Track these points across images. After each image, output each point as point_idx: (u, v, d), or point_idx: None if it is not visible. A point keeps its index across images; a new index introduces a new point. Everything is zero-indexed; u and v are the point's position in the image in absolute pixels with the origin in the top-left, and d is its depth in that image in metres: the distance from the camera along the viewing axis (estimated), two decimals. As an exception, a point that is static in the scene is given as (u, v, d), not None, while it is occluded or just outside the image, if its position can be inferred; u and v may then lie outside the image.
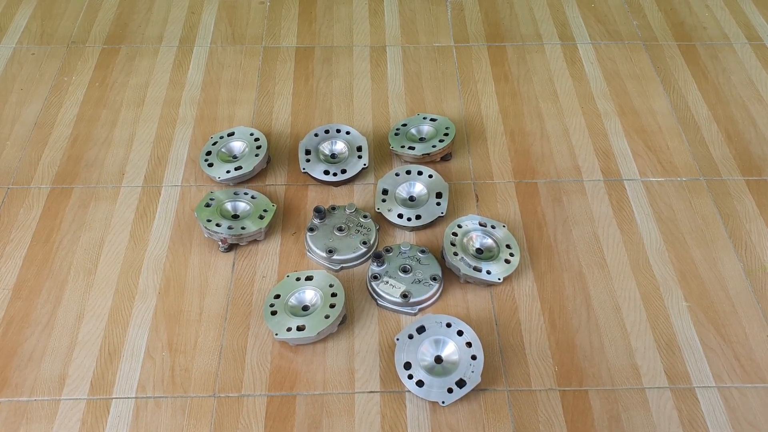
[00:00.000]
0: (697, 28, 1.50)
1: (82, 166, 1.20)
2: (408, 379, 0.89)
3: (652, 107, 1.32)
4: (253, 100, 1.32)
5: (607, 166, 1.21)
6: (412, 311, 1.00)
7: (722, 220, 1.13)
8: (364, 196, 1.15)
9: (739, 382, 0.94)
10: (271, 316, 0.96)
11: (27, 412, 0.89)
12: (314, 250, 1.05)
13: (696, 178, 1.19)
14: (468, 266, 1.00)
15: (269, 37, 1.46)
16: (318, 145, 1.18)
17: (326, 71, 1.39)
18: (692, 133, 1.27)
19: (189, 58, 1.41)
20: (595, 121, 1.29)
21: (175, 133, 1.26)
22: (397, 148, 1.18)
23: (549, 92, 1.35)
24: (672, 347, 0.97)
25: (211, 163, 1.16)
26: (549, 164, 1.21)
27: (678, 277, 1.05)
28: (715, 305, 1.02)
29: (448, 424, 0.89)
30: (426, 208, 1.09)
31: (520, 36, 1.48)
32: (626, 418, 0.90)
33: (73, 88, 1.34)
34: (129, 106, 1.31)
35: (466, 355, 0.91)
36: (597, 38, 1.47)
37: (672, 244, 1.09)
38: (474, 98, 1.33)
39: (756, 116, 1.30)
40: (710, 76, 1.39)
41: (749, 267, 1.06)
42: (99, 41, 1.45)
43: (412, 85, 1.36)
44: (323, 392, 0.92)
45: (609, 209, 1.14)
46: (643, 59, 1.42)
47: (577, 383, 0.93)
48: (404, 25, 1.50)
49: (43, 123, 1.27)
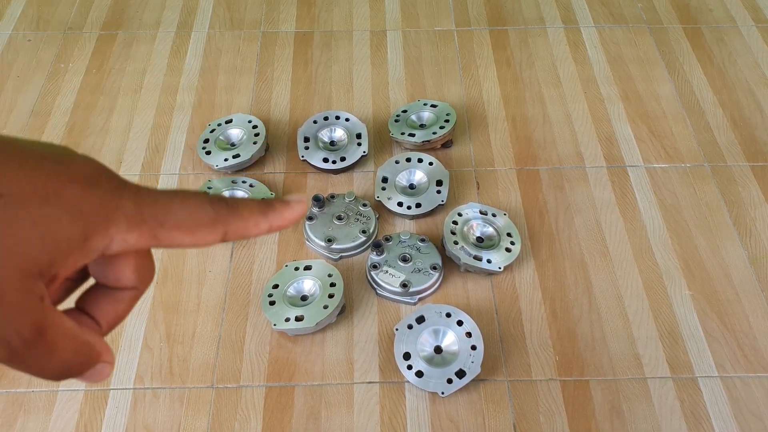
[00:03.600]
0: (702, 11, 1.47)
1: (79, 155, 1.18)
2: (407, 370, 0.89)
3: (656, 92, 1.30)
4: (251, 86, 1.31)
5: (609, 153, 1.19)
6: (411, 301, 0.99)
7: (726, 207, 1.11)
8: (363, 184, 1.14)
9: (742, 372, 0.93)
10: (270, 307, 0.95)
11: (24, 403, 0.89)
12: (313, 239, 1.04)
13: (700, 165, 1.17)
14: (468, 255, 0.99)
15: (268, 22, 1.44)
16: (317, 133, 1.17)
17: (325, 56, 1.37)
18: (697, 119, 1.25)
19: (187, 43, 1.40)
20: (598, 106, 1.27)
21: (172, 120, 1.25)
22: (397, 135, 1.16)
23: (551, 77, 1.33)
24: (674, 337, 0.96)
25: (209, 151, 1.15)
26: (551, 151, 1.19)
27: (681, 265, 1.04)
28: (718, 294, 1.01)
29: (447, 414, 0.89)
30: (426, 196, 1.08)
31: (522, 19, 1.45)
32: (627, 408, 0.89)
33: (70, 75, 1.33)
34: (126, 93, 1.30)
35: (466, 345, 0.91)
36: (600, 21, 1.45)
37: (675, 232, 1.08)
38: (475, 83, 1.31)
39: (762, 101, 1.28)
40: (716, 60, 1.36)
41: (754, 255, 1.05)
42: (96, 27, 1.43)
43: (413, 70, 1.34)
44: (322, 383, 0.92)
45: (612, 196, 1.13)
46: (648, 43, 1.40)
47: (578, 373, 0.92)
48: (405, 9, 1.47)
49: (40, 111, 1.26)
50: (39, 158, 0.23)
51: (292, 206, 0.30)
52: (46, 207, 0.22)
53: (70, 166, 0.24)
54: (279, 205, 0.30)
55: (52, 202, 0.23)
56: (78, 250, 0.24)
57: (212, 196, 0.27)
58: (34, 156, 0.23)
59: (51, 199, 0.23)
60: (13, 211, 0.22)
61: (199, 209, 0.26)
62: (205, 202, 0.27)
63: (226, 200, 0.27)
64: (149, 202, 0.25)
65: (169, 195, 0.26)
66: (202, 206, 0.26)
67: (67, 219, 0.23)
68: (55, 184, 0.23)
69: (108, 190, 0.24)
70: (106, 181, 0.25)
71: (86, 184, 0.24)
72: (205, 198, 0.27)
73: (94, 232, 0.24)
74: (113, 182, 0.25)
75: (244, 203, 0.28)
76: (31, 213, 0.22)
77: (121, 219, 0.24)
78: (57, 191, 0.23)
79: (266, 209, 0.29)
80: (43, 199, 0.22)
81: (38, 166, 0.23)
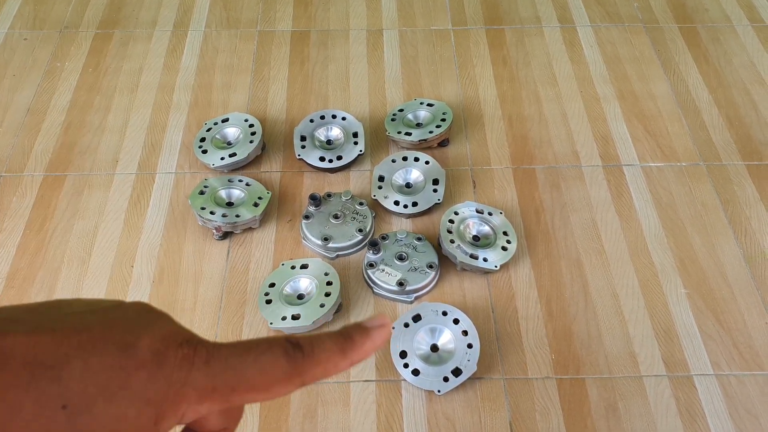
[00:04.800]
0: (698, 10, 1.48)
1: (75, 153, 1.18)
2: (404, 368, 0.89)
3: (652, 91, 1.30)
4: (248, 85, 1.31)
5: (605, 152, 1.19)
6: (408, 299, 0.99)
7: (722, 206, 1.11)
8: (360, 183, 1.14)
9: (737, 370, 0.93)
10: (266, 305, 0.95)
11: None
12: (310, 237, 1.04)
13: (696, 163, 1.18)
14: (464, 254, 0.99)
15: (264, 21, 1.44)
16: (313, 131, 1.17)
17: (322, 55, 1.37)
18: (693, 118, 1.25)
19: (183, 42, 1.39)
20: (594, 105, 1.27)
21: (169, 119, 1.24)
22: (393, 133, 1.17)
23: (548, 76, 1.33)
24: (670, 335, 0.96)
25: (206, 150, 1.15)
26: (547, 150, 1.20)
27: (677, 264, 1.04)
28: (714, 292, 1.01)
29: (444, 412, 0.89)
30: (422, 195, 1.08)
31: (519, 19, 1.46)
32: (623, 406, 0.89)
33: (66, 73, 1.33)
34: (122, 91, 1.30)
35: (463, 343, 0.91)
36: (597, 20, 1.45)
37: (671, 231, 1.08)
38: (472, 82, 1.32)
39: (757, 100, 1.28)
40: (711, 59, 1.37)
41: (749, 253, 1.05)
42: (92, 26, 1.43)
43: (409, 69, 1.34)
44: (318, 381, 0.91)
45: (608, 195, 1.13)
46: (644, 42, 1.40)
47: (574, 371, 0.93)
48: (401, 8, 1.47)
49: (36, 109, 1.26)
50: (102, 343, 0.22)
51: (372, 337, 0.27)
52: (112, 407, 0.22)
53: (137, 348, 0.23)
54: (358, 338, 0.27)
55: (119, 398, 0.22)
56: None
57: (287, 345, 0.25)
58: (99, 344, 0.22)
59: (117, 396, 0.22)
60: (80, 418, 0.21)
61: (274, 366, 0.25)
62: (280, 356, 0.25)
63: (302, 347, 0.25)
64: (220, 368, 0.24)
65: (241, 355, 0.24)
66: (277, 362, 0.25)
67: (134, 412, 0.22)
68: (121, 376, 0.22)
69: (176, 366, 0.23)
70: (173, 354, 0.23)
71: (153, 365, 0.23)
72: (280, 351, 0.25)
73: (164, 415, 0.23)
74: (182, 351, 0.23)
75: (320, 344, 0.26)
76: (97, 417, 0.21)
77: (191, 394, 0.23)
78: (122, 384, 0.22)
79: (345, 346, 0.27)
80: (109, 399, 0.22)
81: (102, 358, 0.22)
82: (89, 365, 0.22)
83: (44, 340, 0.22)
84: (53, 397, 0.21)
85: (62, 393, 0.21)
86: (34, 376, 0.21)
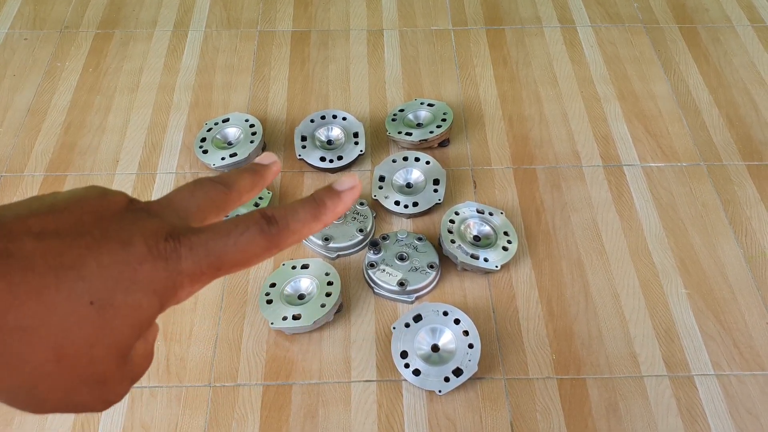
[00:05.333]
0: (698, 10, 1.48)
1: (75, 154, 1.18)
2: (405, 368, 0.89)
3: (652, 91, 1.30)
4: (248, 85, 1.31)
5: (606, 152, 1.19)
6: (408, 299, 0.99)
7: (722, 206, 1.12)
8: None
9: (738, 370, 0.93)
10: (267, 305, 0.95)
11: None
12: (310, 237, 1.04)
13: (696, 164, 1.18)
14: (465, 254, 0.99)
15: (265, 21, 1.44)
16: (314, 132, 1.17)
17: (322, 55, 1.37)
18: (693, 118, 1.25)
19: (183, 42, 1.39)
20: (594, 105, 1.27)
21: (169, 119, 1.24)
22: (394, 133, 1.17)
23: (548, 76, 1.33)
24: (671, 335, 0.96)
25: (206, 150, 1.15)
26: (548, 150, 1.20)
27: (677, 264, 1.04)
28: (714, 292, 1.01)
29: (444, 412, 0.89)
30: (423, 195, 1.08)
31: (519, 19, 1.46)
32: (624, 406, 0.89)
33: (67, 73, 1.33)
34: (123, 92, 1.29)
35: (463, 343, 0.91)
36: (597, 21, 1.45)
37: (671, 231, 1.08)
38: (472, 83, 1.32)
39: (758, 100, 1.28)
40: (712, 60, 1.37)
41: (749, 253, 1.05)
42: (92, 26, 1.43)
43: (410, 69, 1.34)
44: (319, 381, 0.92)
45: (608, 195, 1.13)
46: (644, 42, 1.40)
47: (575, 371, 0.93)
48: (401, 8, 1.47)
49: (36, 110, 1.26)
50: (106, 242, 0.25)
51: (344, 199, 0.30)
52: (129, 298, 0.24)
53: (133, 244, 0.25)
54: (330, 202, 0.30)
55: (132, 290, 0.24)
56: (154, 318, 0.26)
57: (262, 222, 0.28)
58: (103, 243, 0.24)
59: (131, 288, 0.24)
60: (106, 312, 0.24)
61: (252, 244, 0.27)
62: (257, 234, 0.27)
63: (277, 220, 0.28)
64: (204, 254, 0.26)
65: (222, 239, 0.27)
66: (254, 240, 0.27)
67: (146, 302, 0.25)
68: (129, 270, 0.24)
69: (168, 258, 0.25)
70: (163, 248, 0.25)
71: (151, 259, 0.25)
72: (256, 230, 0.27)
73: (167, 302, 0.26)
74: (169, 244, 0.26)
75: (294, 215, 0.28)
76: (119, 309, 0.24)
77: (185, 281, 0.26)
78: (132, 278, 0.24)
79: (318, 212, 0.29)
80: (125, 291, 0.24)
81: (111, 256, 0.24)
82: (102, 263, 0.24)
83: (56, 243, 0.23)
84: (81, 294, 0.23)
85: (88, 289, 0.23)
86: (60, 277, 0.23)
